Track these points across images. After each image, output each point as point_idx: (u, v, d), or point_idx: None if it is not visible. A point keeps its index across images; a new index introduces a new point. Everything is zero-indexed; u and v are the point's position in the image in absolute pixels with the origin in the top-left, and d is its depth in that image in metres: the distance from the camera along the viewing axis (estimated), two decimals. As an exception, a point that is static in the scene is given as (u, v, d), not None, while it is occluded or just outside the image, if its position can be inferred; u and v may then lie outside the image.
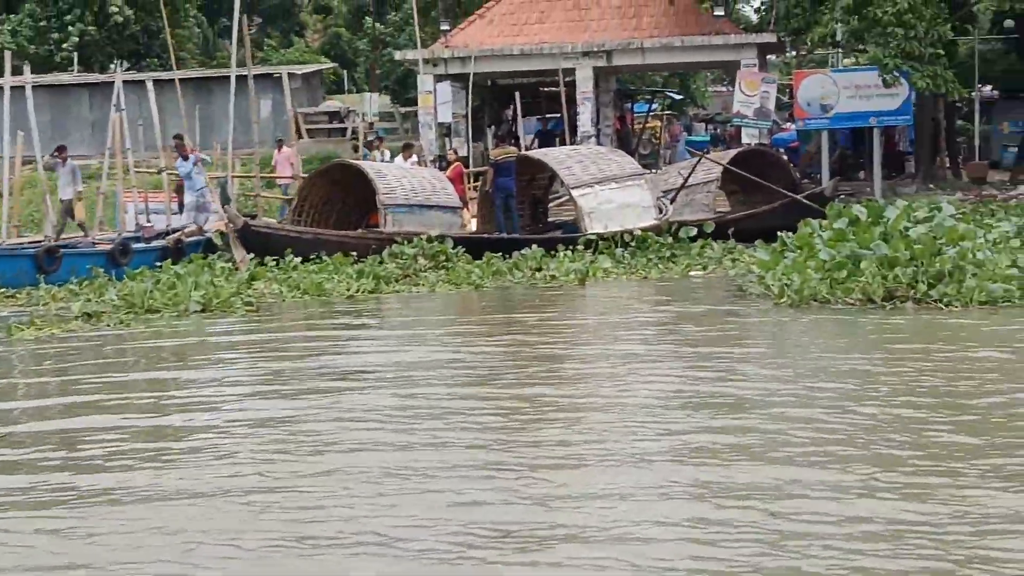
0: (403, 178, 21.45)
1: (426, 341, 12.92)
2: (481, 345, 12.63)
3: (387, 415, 9.00)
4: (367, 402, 9.54)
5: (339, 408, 9.33)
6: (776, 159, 28.95)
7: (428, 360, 11.49)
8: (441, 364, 11.28)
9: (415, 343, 12.82)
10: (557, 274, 18.17)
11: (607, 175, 22.39)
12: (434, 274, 18.65)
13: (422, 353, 11.99)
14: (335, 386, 10.28)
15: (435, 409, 9.14)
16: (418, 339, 13.09)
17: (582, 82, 32.76)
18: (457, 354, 11.93)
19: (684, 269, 18.98)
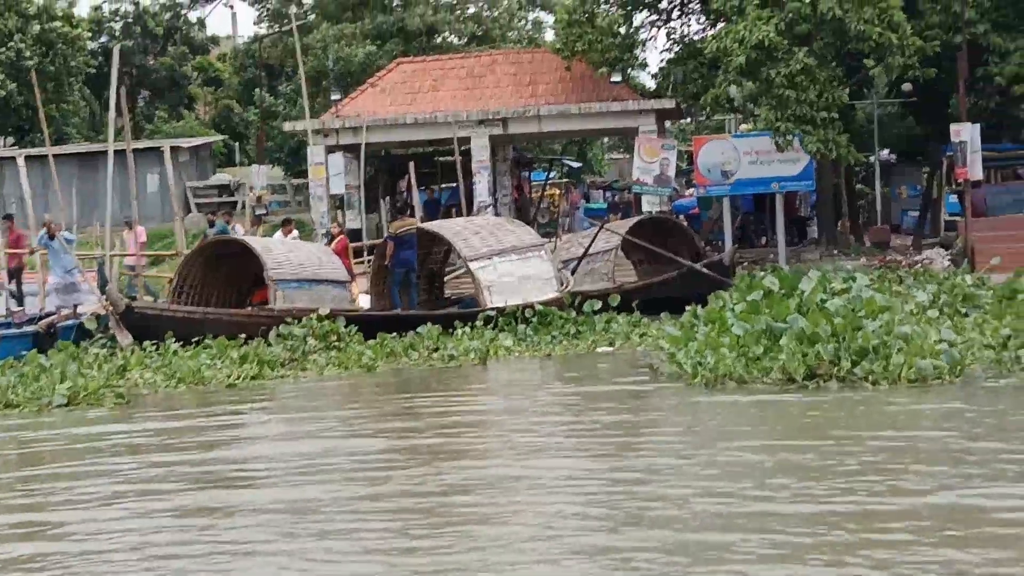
0: (290, 252, 20.30)
1: (310, 435, 11.71)
2: (369, 438, 11.46)
3: (261, 520, 7.81)
4: (238, 501, 8.33)
5: (201, 518, 8.10)
6: (678, 227, 28.25)
7: (310, 455, 10.29)
8: (325, 459, 10.09)
9: (295, 438, 11.60)
10: (456, 354, 17.05)
11: (506, 246, 21.42)
12: (324, 356, 17.45)
13: (304, 447, 10.80)
14: (193, 489, 9.05)
15: (321, 514, 7.97)
16: (299, 434, 11.87)
17: (478, 151, 31.90)
18: (343, 448, 10.73)
19: (590, 346, 17.99)
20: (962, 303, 18.34)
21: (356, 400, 14.33)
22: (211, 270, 20.75)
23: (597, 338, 18.44)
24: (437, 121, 31.91)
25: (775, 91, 27.66)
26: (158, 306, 19.62)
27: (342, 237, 24.08)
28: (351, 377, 16.01)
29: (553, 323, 19.27)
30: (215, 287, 20.80)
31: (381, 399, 14.13)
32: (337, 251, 22.51)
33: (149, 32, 55.09)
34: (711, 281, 22.41)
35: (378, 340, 17.92)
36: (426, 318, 19.98)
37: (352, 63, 39.16)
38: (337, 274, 20.58)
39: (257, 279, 20.58)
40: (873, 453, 9.38)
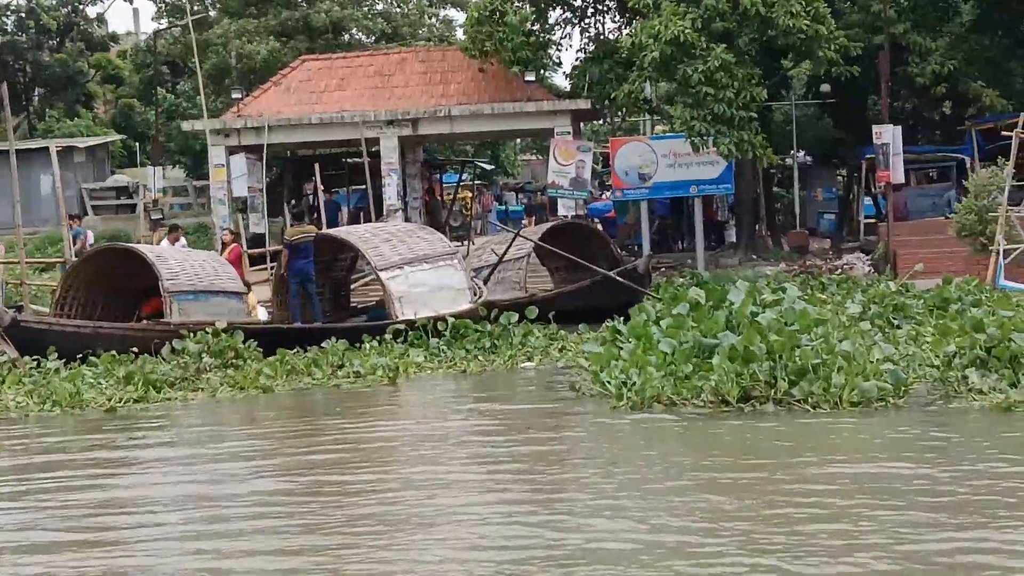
0: (184, 261, 18.98)
1: (189, 472, 10.49)
2: (264, 476, 10.27)
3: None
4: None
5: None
6: (595, 232, 27.27)
7: (190, 496, 9.10)
8: (209, 499, 8.91)
9: (170, 476, 10.37)
10: (363, 371, 15.86)
11: (418, 255, 20.27)
12: (220, 375, 16.19)
13: (186, 488, 9.61)
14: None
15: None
16: (177, 470, 10.63)
17: (387, 152, 30.67)
18: (228, 490, 9.54)
19: (508, 361, 16.87)
20: (893, 313, 17.57)
21: (250, 428, 13.07)
22: (97, 281, 19.38)
23: (515, 352, 17.34)
24: (344, 121, 30.64)
25: (692, 89, 26.82)
26: (46, 320, 18.19)
27: (235, 245, 22.80)
28: (247, 400, 14.75)
29: (467, 336, 18.15)
30: (100, 299, 19.43)
31: (278, 427, 12.88)
32: (230, 260, 21.24)
33: (43, 27, 53.03)
34: (627, 289, 21.53)
35: (278, 357, 16.67)
36: (330, 332, 18.79)
37: (255, 60, 37.73)
38: (233, 285, 19.31)
39: (144, 291, 19.30)
40: (818, 485, 8.43)
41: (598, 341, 15.62)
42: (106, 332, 17.91)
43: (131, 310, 19.61)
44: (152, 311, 19.08)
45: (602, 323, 19.59)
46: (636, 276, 22.17)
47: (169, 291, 18.19)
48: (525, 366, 16.60)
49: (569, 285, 23.64)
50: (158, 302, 18.80)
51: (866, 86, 31.85)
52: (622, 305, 21.80)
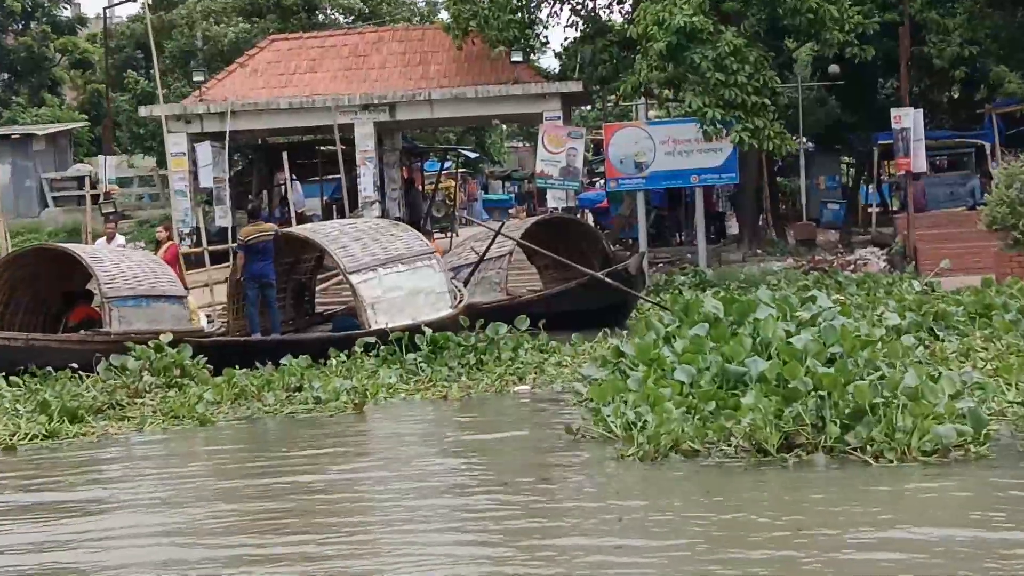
0: (121, 263, 16.69)
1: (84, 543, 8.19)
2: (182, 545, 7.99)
3: None
4: None
5: None
6: (585, 227, 24.96)
7: None
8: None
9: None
10: (323, 396, 13.50)
11: (392, 255, 17.98)
12: (157, 398, 13.88)
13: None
14: None
15: None
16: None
17: (362, 139, 28.33)
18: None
19: (496, 383, 14.51)
20: (933, 322, 15.31)
21: (158, 474, 10.67)
22: (20, 286, 17.06)
23: (504, 371, 15.01)
24: (315, 106, 28.32)
25: (702, 75, 24.64)
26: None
27: (171, 244, 20.49)
28: (178, 434, 12.36)
29: (449, 350, 15.80)
30: (22, 307, 17.12)
31: (208, 479, 10.50)
32: (167, 260, 18.94)
33: (7, 9, 50.50)
34: (617, 292, 19.51)
35: (224, 377, 14.35)
36: (291, 345, 16.52)
37: (222, 42, 35.28)
38: (174, 288, 17.08)
39: (65, 297, 17.05)
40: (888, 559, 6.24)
41: (597, 363, 13.33)
42: (40, 345, 15.64)
43: (52, 320, 17.32)
44: (80, 320, 16.83)
45: (596, 328, 17.59)
46: (627, 277, 19.97)
47: (108, 296, 15.93)
48: (519, 390, 14.23)
49: (557, 286, 21.49)
50: (85, 310, 16.56)
51: (876, 67, 29.57)
52: (612, 307, 19.73)
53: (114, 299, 15.93)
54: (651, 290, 24.68)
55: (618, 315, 19.77)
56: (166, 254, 19.68)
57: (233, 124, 27.74)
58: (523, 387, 14.30)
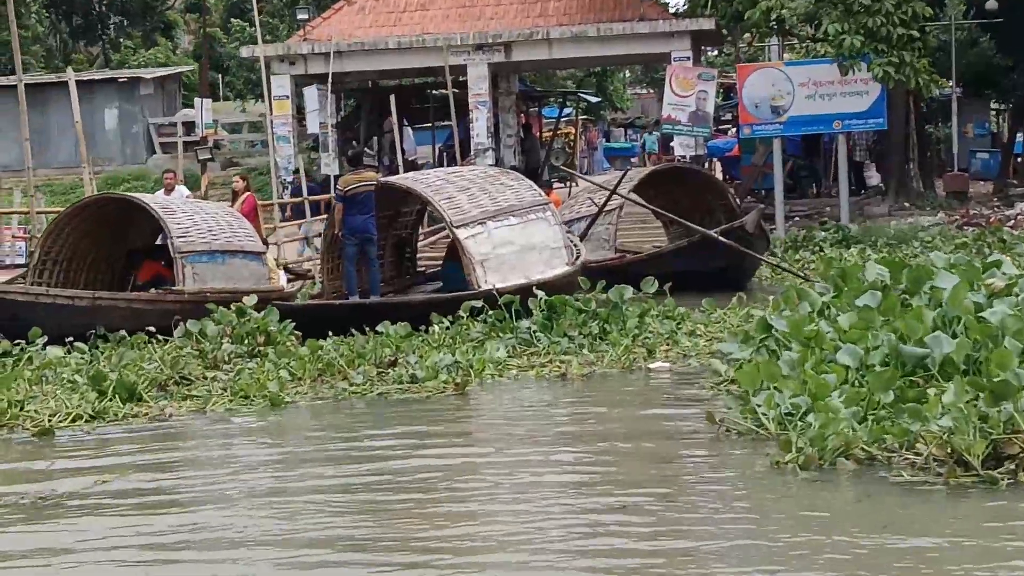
0: (195, 215, 15.06)
1: None
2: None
3: None
4: None
5: None
6: (709, 179, 22.76)
7: None
8: None
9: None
10: (420, 374, 11.64)
11: (502, 207, 16.11)
12: (237, 369, 12.19)
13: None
14: None
15: None
16: None
17: (475, 82, 26.42)
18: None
19: (624, 357, 12.52)
20: None
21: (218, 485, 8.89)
22: (83, 240, 15.51)
23: (631, 342, 13.01)
24: (425, 46, 26.45)
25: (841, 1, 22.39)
26: (26, 289, 14.30)
27: (248, 194, 18.74)
28: (247, 417, 10.61)
29: (566, 316, 13.80)
30: (83, 263, 15.57)
31: (263, 485, 8.65)
32: (244, 212, 17.28)
33: (117, -51, 49.50)
34: (735, 251, 17.61)
35: (308, 348, 12.60)
36: (393, 309, 14.74)
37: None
38: (252, 244, 15.50)
39: (134, 252, 15.48)
40: None
41: (738, 337, 11.31)
42: (107, 305, 14.09)
43: (119, 279, 15.77)
44: (149, 278, 15.29)
45: (713, 291, 15.64)
46: (743, 235, 17.91)
47: (181, 251, 14.32)
48: (656, 367, 12.22)
49: (670, 244, 19.57)
50: (155, 266, 14.98)
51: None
52: (729, 269, 17.77)
53: (188, 254, 14.33)
54: (787, 246, 22.60)
55: (737, 277, 17.84)
56: (243, 206, 18.02)
57: (338, 65, 26.01)
58: (660, 363, 12.27)
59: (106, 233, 15.54)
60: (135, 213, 14.82)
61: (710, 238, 17.76)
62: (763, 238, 19.37)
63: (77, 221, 15.28)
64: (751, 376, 9.07)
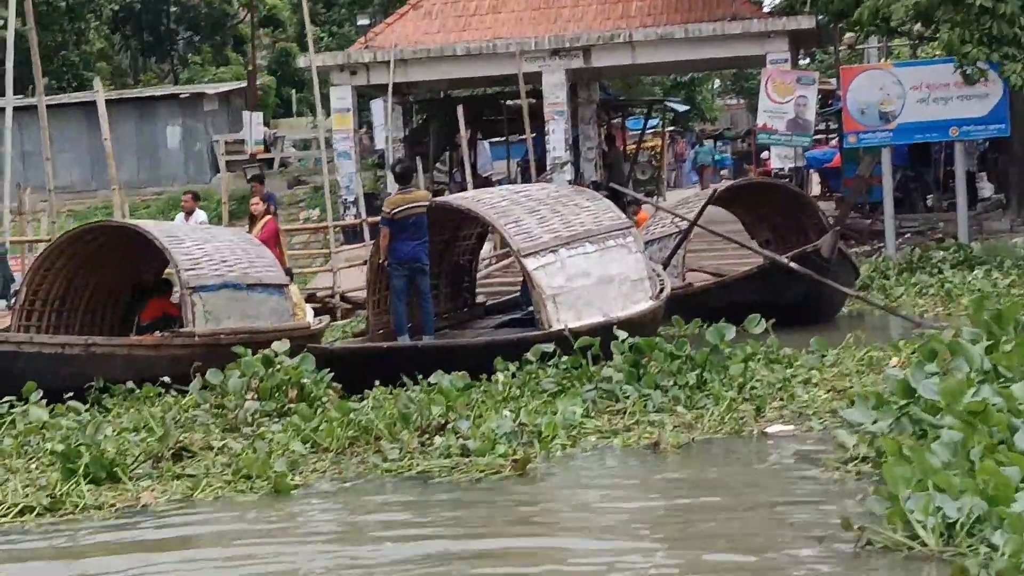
0: (206, 243, 12.95)
1: None
2: None
3: None
4: None
5: None
6: (795, 193, 20.23)
7: None
8: None
9: None
10: (473, 443, 9.38)
11: (577, 232, 13.87)
12: (264, 431, 10.06)
13: None
14: None
15: None
16: None
17: (551, 90, 24.24)
18: None
19: (729, 415, 10.18)
20: None
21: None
22: (76, 274, 13.45)
23: (735, 397, 10.67)
24: (497, 52, 24.36)
25: (959, 3, 19.85)
26: (13, 337, 12.25)
27: (269, 218, 16.65)
28: (238, 509, 8.36)
29: (656, 362, 11.47)
30: (78, 300, 13.52)
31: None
32: (264, 239, 15.22)
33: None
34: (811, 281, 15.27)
35: (335, 409, 10.41)
36: (445, 353, 12.57)
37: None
38: (272, 274, 13.39)
39: (139, 288, 13.43)
40: None
41: (869, 402, 8.90)
42: (103, 352, 12.02)
43: (121, 319, 13.74)
44: (154, 318, 13.25)
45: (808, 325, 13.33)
46: (818, 262, 15.54)
47: (190, 285, 12.23)
48: (773, 431, 9.85)
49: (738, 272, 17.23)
50: (161, 304, 12.97)
51: None
52: (808, 299, 15.42)
53: (198, 289, 12.23)
54: (900, 268, 20.14)
55: (818, 309, 15.57)
56: (263, 232, 15.96)
57: (403, 74, 24.06)
58: (779, 427, 9.91)
59: (109, 267, 13.52)
60: (144, 244, 12.74)
61: (780, 264, 15.48)
62: (847, 264, 16.89)
63: (70, 253, 13.19)
64: (900, 472, 6.71)
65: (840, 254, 16.26)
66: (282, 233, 16.79)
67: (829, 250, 15.89)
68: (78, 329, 13.11)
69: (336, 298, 20.34)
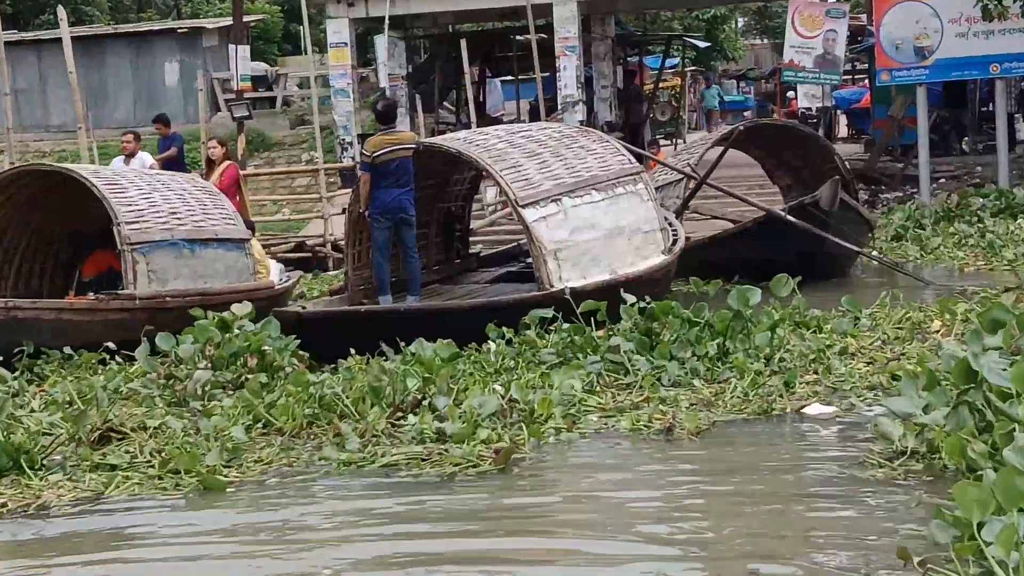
0: (153, 192, 11.45)
1: None
2: None
3: None
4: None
5: None
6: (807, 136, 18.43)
7: None
8: None
9: None
10: (450, 428, 7.91)
11: (582, 178, 12.41)
12: (217, 404, 8.70)
13: None
14: None
15: None
16: None
17: (562, 23, 22.60)
18: None
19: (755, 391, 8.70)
20: None
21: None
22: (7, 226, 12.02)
23: (762, 368, 9.19)
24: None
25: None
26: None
27: (230, 164, 15.12)
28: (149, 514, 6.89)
29: (670, 327, 9.99)
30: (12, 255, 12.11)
31: None
32: (222, 187, 13.72)
33: None
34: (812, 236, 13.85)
35: (294, 379, 9.00)
36: (432, 316, 11.17)
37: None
38: (231, 228, 11.93)
39: (79, 239, 12.01)
40: None
41: (918, 381, 7.40)
42: (28, 316, 10.60)
43: (64, 274, 12.32)
44: (97, 273, 11.88)
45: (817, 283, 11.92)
46: (817, 215, 13.99)
47: (132, 241, 10.78)
48: (812, 412, 8.32)
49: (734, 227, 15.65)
50: (107, 258, 11.60)
51: None
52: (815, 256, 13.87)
53: (141, 245, 10.78)
54: (937, 217, 18.65)
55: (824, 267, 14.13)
56: (222, 178, 14.46)
57: (404, 6, 22.39)
58: (818, 407, 8.39)
59: (49, 215, 12.08)
60: (88, 192, 11.27)
61: (776, 217, 14.01)
62: (854, 216, 15.19)
63: (1, 200, 11.72)
64: (974, 496, 5.24)
65: (844, 205, 14.58)
66: (243, 180, 15.24)
67: (828, 201, 14.22)
68: (11, 283, 11.69)
69: (328, 247, 18.97)
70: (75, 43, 34.27)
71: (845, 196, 14.67)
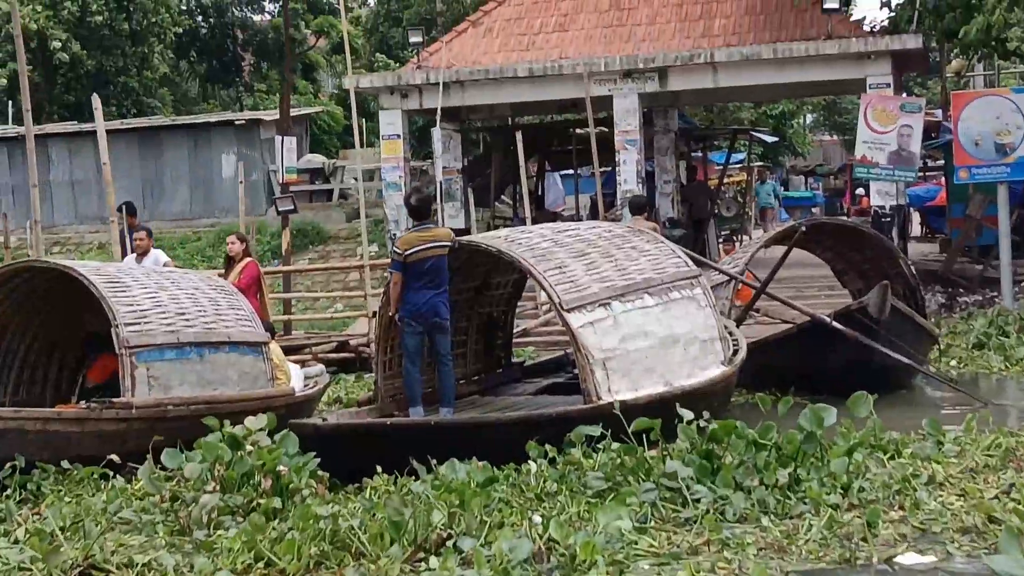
0: (159, 291, 10.51)
1: None
2: None
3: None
4: None
5: None
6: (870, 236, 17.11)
7: None
8: None
9: None
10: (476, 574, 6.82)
11: (634, 281, 11.36)
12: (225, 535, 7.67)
13: None
14: None
15: None
16: None
17: (623, 116, 21.74)
18: None
19: (832, 531, 7.38)
20: None
21: None
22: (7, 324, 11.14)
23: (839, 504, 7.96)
24: (563, 73, 21.90)
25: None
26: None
27: (249, 261, 14.14)
28: None
29: (734, 450, 8.79)
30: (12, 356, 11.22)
31: None
32: (241, 285, 12.74)
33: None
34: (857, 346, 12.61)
35: (299, 514, 7.96)
36: (466, 432, 10.11)
37: (464, 3, 29.27)
38: (247, 331, 10.92)
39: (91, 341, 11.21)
40: None
41: (1015, 542, 6.17)
42: (12, 428, 9.59)
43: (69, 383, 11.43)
44: (104, 379, 11.00)
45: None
46: (865, 322, 12.73)
47: (131, 345, 9.83)
48: (905, 561, 6.89)
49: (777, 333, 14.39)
50: (113, 362, 10.57)
51: None
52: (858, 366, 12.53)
53: (141, 349, 9.83)
54: (1021, 324, 17.37)
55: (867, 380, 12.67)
56: (241, 276, 13.48)
57: (460, 98, 21.66)
58: (914, 556, 7.10)
59: (51, 315, 11.21)
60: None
61: (820, 322, 12.81)
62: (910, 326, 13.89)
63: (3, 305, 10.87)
64: None
65: (898, 313, 13.31)
66: (263, 278, 14.29)
67: (877, 308, 12.95)
68: (11, 389, 10.79)
69: (371, 347, 18.02)
70: (133, 135, 34.32)
71: (898, 304, 13.44)
